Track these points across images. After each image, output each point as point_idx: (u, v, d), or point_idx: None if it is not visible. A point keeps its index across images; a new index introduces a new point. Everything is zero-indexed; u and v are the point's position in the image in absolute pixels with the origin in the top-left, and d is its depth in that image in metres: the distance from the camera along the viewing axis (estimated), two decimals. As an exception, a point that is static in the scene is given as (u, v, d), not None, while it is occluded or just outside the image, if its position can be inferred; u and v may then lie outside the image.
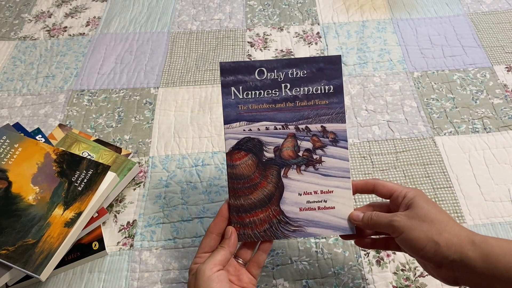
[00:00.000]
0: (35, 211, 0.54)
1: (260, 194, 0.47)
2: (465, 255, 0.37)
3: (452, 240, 0.38)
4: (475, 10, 0.91)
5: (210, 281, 0.41)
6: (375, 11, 0.92)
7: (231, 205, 0.47)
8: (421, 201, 0.41)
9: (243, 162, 0.47)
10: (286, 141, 0.47)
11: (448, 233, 0.38)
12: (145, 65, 0.84)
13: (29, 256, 0.51)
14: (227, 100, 0.47)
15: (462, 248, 0.37)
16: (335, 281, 0.56)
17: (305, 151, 0.47)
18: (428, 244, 0.38)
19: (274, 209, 0.47)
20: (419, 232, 0.39)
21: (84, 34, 0.90)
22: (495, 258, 0.35)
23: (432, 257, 0.38)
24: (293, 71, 0.46)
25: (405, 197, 0.43)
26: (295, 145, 0.47)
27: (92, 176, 0.58)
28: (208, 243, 0.46)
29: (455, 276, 0.38)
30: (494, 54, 0.82)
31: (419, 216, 0.40)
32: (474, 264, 0.36)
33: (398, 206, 0.44)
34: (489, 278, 0.36)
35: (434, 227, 0.39)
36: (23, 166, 0.58)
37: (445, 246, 0.38)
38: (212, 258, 0.43)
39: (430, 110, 0.74)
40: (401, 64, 0.81)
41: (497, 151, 0.68)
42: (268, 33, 0.89)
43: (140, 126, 0.74)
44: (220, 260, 0.43)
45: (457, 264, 0.37)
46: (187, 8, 0.96)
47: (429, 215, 0.40)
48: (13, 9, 0.97)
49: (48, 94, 0.79)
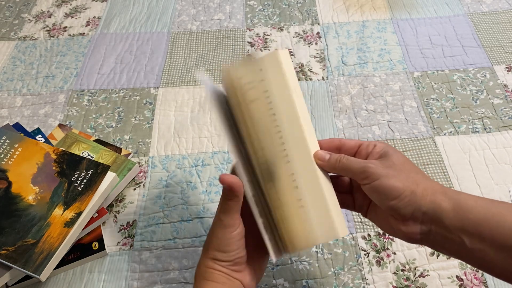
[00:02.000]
0: (35, 211, 0.54)
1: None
2: (438, 206, 0.36)
3: (428, 191, 0.37)
4: (475, 10, 0.91)
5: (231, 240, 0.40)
6: (375, 11, 0.92)
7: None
8: (395, 153, 0.40)
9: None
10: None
11: (424, 184, 0.37)
12: (145, 65, 0.84)
13: (29, 256, 0.51)
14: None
15: (436, 199, 0.36)
16: (335, 281, 0.56)
17: None
18: (404, 193, 0.37)
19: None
20: (396, 180, 0.37)
21: (84, 34, 0.90)
22: (467, 210, 0.35)
23: (404, 207, 0.37)
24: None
25: (375, 146, 0.41)
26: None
27: (92, 176, 0.58)
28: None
29: (421, 230, 0.37)
30: (494, 54, 0.82)
31: (396, 166, 0.38)
32: (446, 215, 0.36)
33: (367, 155, 0.41)
34: (458, 231, 0.35)
35: (411, 177, 0.38)
36: (23, 166, 0.58)
37: (420, 196, 0.37)
38: (229, 211, 0.40)
39: (430, 110, 0.74)
40: (401, 64, 0.81)
41: (497, 151, 0.68)
42: (268, 33, 0.89)
43: (140, 126, 0.74)
44: (236, 213, 0.40)
45: (428, 216, 0.36)
46: (187, 8, 0.96)
47: (405, 166, 0.39)
48: (13, 9, 0.97)
49: (48, 94, 0.79)
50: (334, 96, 0.76)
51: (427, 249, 0.58)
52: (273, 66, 0.43)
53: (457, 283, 0.55)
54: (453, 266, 0.56)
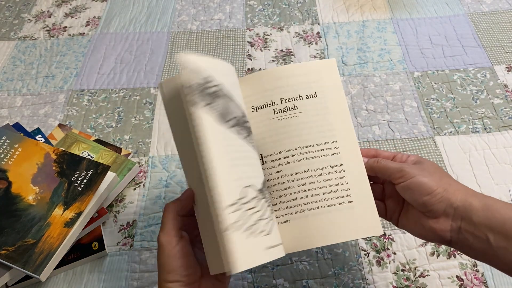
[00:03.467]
0: (35, 211, 0.54)
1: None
2: (469, 203, 0.39)
3: (459, 190, 0.40)
4: (475, 10, 0.91)
5: (171, 258, 0.39)
6: (375, 11, 0.92)
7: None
8: (428, 161, 0.44)
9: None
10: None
11: (455, 186, 0.41)
12: (145, 65, 0.84)
13: (29, 256, 0.51)
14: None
15: (467, 197, 0.40)
16: (335, 281, 0.56)
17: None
18: (438, 189, 0.40)
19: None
20: (430, 179, 0.41)
21: (84, 34, 0.90)
22: (495, 209, 0.38)
23: (437, 202, 0.40)
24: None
25: (409, 157, 0.45)
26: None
27: (92, 176, 0.58)
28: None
29: (451, 227, 0.40)
30: (494, 54, 0.82)
31: (429, 169, 0.42)
32: (475, 213, 0.39)
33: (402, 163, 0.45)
34: (485, 228, 0.38)
35: (444, 180, 0.41)
36: (23, 166, 0.58)
37: (452, 193, 0.40)
38: (164, 227, 0.40)
39: (430, 110, 0.74)
40: (401, 64, 0.81)
41: (497, 151, 0.68)
42: (268, 33, 0.89)
43: (140, 126, 0.74)
44: (173, 229, 0.40)
45: (459, 212, 0.39)
46: (187, 8, 0.96)
47: (438, 171, 0.43)
48: (13, 9, 0.97)
49: (48, 94, 0.79)
50: (334, 96, 0.76)
51: (427, 249, 0.58)
52: (329, 71, 0.48)
53: (457, 283, 0.55)
54: (453, 266, 0.56)
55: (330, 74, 0.48)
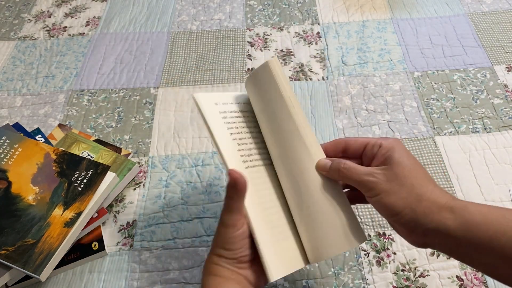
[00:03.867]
0: (35, 211, 0.54)
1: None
2: (443, 224, 0.34)
3: (431, 208, 0.35)
4: (475, 10, 0.91)
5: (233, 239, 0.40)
6: (375, 11, 0.92)
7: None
8: (400, 156, 0.38)
9: None
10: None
11: (427, 201, 0.36)
12: (145, 65, 0.84)
13: (29, 256, 0.51)
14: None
15: (441, 217, 0.35)
16: (335, 281, 0.56)
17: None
18: (404, 210, 0.36)
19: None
20: (397, 198, 0.36)
21: (84, 34, 0.90)
22: (475, 226, 0.34)
23: (406, 223, 0.36)
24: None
25: (381, 147, 0.39)
26: None
27: (92, 176, 0.58)
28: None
29: (425, 242, 0.37)
30: (495, 54, 0.82)
31: (398, 178, 0.36)
32: (453, 233, 0.34)
33: (373, 158, 0.40)
34: (466, 246, 0.34)
35: (414, 192, 0.36)
36: (23, 166, 0.58)
37: (422, 214, 0.35)
38: (229, 210, 0.40)
39: (430, 110, 0.73)
40: (401, 64, 0.81)
41: (497, 151, 0.68)
42: (268, 33, 0.89)
43: (140, 126, 0.74)
44: (237, 212, 0.40)
45: (431, 232, 0.35)
46: (187, 8, 0.95)
47: (409, 176, 0.37)
48: (13, 9, 0.97)
49: (48, 94, 0.79)
50: (334, 96, 0.76)
51: (428, 249, 0.58)
52: (266, 77, 0.43)
53: (457, 283, 0.55)
54: (453, 266, 0.56)
55: (267, 79, 0.44)
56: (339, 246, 0.40)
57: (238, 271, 0.41)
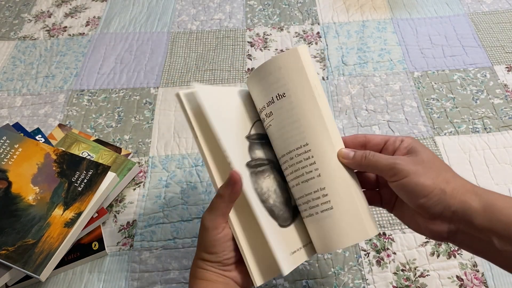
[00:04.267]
0: (35, 211, 0.54)
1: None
2: (468, 206, 0.35)
3: (458, 190, 0.36)
4: (475, 10, 0.91)
5: (214, 242, 0.40)
6: (375, 11, 0.92)
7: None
8: (423, 149, 0.39)
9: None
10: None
11: (454, 183, 0.36)
12: (145, 65, 0.84)
13: (29, 256, 0.51)
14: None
15: (466, 198, 0.35)
16: (335, 281, 0.56)
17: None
18: (434, 191, 0.36)
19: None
20: (426, 178, 0.36)
21: (84, 34, 0.90)
22: (498, 210, 0.34)
23: (434, 205, 0.36)
24: None
25: (402, 142, 0.40)
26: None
27: (92, 176, 0.58)
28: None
29: (449, 229, 0.37)
30: (495, 54, 0.82)
31: (425, 163, 0.37)
32: (476, 215, 0.35)
33: (394, 151, 0.40)
34: (487, 231, 0.34)
35: (441, 175, 0.37)
36: (23, 166, 0.58)
37: (450, 195, 0.36)
38: (213, 212, 0.40)
39: (430, 110, 0.73)
40: (401, 64, 0.81)
41: (497, 151, 0.68)
42: (268, 33, 0.89)
43: (140, 126, 0.74)
44: (221, 216, 0.40)
45: (457, 215, 0.36)
46: (187, 8, 0.95)
47: (435, 163, 0.38)
48: (13, 9, 0.97)
49: (48, 94, 0.79)
50: (334, 96, 0.76)
51: (427, 249, 0.58)
52: (294, 63, 0.42)
53: (457, 283, 0.55)
54: (453, 266, 0.56)
55: (295, 65, 0.42)
56: (355, 236, 0.40)
57: (224, 273, 0.41)
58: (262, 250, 0.41)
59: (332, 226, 0.40)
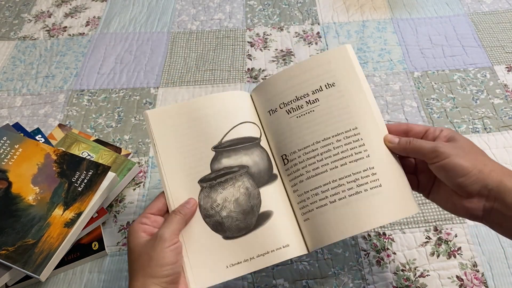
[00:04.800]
0: (35, 212, 0.54)
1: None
2: (504, 184, 0.39)
3: (495, 171, 0.40)
4: (475, 10, 0.91)
5: (169, 252, 0.41)
6: (375, 11, 0.92)
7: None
8: (461, 137, 0.43)
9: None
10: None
11: (491, 166, 0.40)
12: (145, 65, 0.84)
13: (29, 256, 0.51)
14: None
15: (502, 178, 0.39)
16: (335, 281, 0.56)
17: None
18: (473, 171, 0.39)
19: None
20: (465, 160, 0.40)
21: (84, 34, 0.90)
22: None
23: (472, 184, 0.39)
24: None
25: (442, 131, 0.44)
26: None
27: (92, 176, 0.58)
28: (157, 205, 0.45)
29: (484, 207, 0.40)
30: (495, 54, 0.82)
31: (464, 148, 0.41)
32: (509, 195, 0.38)
33: (434, 139, 0.44)
34: None
35: (479, 159, 0.41)
36: (23, 166, 0.58)
37: (487, 174, 0.39)
38: (170, 225, 0.43)
39: (430, 110, 0.74)
40: (401, 64, 0.81)
41: (497, 151, 0.68)
42: (268, 33, 0.89)
43: (140, 126, 0.74)
44: (178, 229, 0.43)
45: (493, 193, 0.39)
46: (187, 8, 0.96)
47: (473, 149, 0.42)
48: (12, 9, 0.97)
49: (48, 94, 0.79)
50: (334, 96, 0.76)
51: (427, 249, 0.58)
52: (342, 58, 0.48)
53: (457, 283, 0.55)
54: (453, 266, 0.56)
55: (344, 60, 0.47)
56: (399, 212, 0.43)
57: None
58: (202, 259, 0.44)
59: (381, 202, 0.43)
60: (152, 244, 0.41)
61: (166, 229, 0.42)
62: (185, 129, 0.48)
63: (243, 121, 0.49)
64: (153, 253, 0.41)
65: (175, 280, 0.42)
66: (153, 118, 0.48)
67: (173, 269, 0.41)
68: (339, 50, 0.48)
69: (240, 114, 0.49)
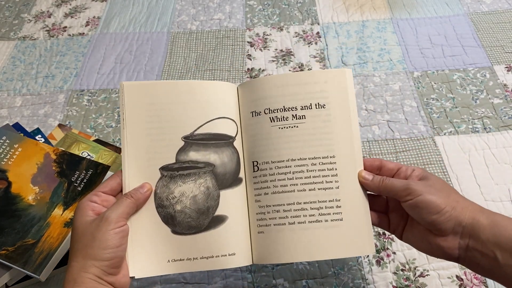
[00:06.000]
0: (35, 211, 0.54)
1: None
2: (477, 221, 0.39)
3: (467, 208, 0.40)
4: (475, 10, 0.91)
5: (113, 235, 0.39)
6: (375, 11, 0.92)
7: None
8: (433, 176, 0.43)
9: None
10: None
11: (463, 203, 0.40)
12: (145, 65, 0.84)
13: (28, 256, 0.51)
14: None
15: (475, 215, 0.39)
16: (335, 281, 0.56)
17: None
18: (446, 207, 0.39)
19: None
20: (438, 197, 0.40)
21: (84, 34, 0.90)
22: (502, 227, 0.38)
23: (446, 221, 0.39)
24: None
25: (414, 171, 0.44)
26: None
27: (92, 176, 0.58)
28: (111, 184, 0.43)
29: (459, 246, 0.39)
30: (494, 54, 0.82)
31: (436, 186, 0.41)
32: (483, 230, 0.38)
33: (406, 178, 0.44)
34: (493, 246, 0.38)
35: (451, 196, 0.41)
36: (23, 166, 0.58)
37: (460, 211, 0.39)
38: (119, 208, 0.40)
39: (430, 110, 0.74)
40: (401, 64, 0.81)
41: (497, 151, 0.68)
42: (268, 33, 0.89)
43: (140, 126, 0.74)
44: (126, 213, 0.41)
45: (467, 230, 0.39)
46: (187, 8, 0.96)
47: (445, 186, 0.42)
48: (12, 9, 0.97)
49: (48, 94, 0.79)
50: (334, 96, 0.76)
51: (427, 249, 0.58)
52: (338, 82, 0.46)
53: (457, 283, 0.55)
54: (453, 266, 0.56)
55: (340, 84, 0.46)
56: (353, 250, 0.43)
57: (105, 277, 0.39)
58: (145, 248, 0.43)
59: (337, 236, 0.43)
60: (97, 224, 0.39)
61: (113, 211, 0.40)
62: (159, 110, 0.45)
63: (221, 116, 0.46)
64: (97, 233, 0.38)
65: (116, 265, 0.39)
66: (129, 91, 0.44)
67: (116, 252, 0.39)
68: (339, 73, 0.46)
69: (220, 107, 0.46)
